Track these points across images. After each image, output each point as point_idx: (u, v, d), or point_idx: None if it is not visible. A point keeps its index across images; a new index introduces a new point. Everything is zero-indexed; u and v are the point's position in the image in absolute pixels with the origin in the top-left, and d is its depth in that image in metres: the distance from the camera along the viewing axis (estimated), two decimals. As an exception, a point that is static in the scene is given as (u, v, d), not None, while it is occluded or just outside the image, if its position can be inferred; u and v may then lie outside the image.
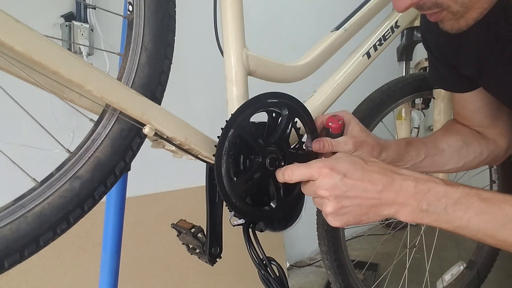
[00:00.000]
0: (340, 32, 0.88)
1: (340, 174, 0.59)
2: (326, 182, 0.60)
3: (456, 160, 0.93)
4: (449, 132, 0.97)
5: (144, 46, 0.62)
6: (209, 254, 0.74)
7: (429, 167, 0.92)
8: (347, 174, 0.60)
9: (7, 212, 0.51)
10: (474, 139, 0.95)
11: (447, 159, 0.92)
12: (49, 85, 0.58)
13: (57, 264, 1.51)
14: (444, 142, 0.93)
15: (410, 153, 0.88)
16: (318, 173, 0.61)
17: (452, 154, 0.93)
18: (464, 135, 0.95)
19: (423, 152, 0.90)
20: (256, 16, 2.05)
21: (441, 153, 0.92)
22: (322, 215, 1.17)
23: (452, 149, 0.93)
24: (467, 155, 0.94)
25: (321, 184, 0.60)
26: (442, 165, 0.93)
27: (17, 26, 0.48)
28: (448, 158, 0.92)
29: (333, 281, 1.22)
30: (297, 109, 0.73)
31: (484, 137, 0.96)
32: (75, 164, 0.56)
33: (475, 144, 0.94)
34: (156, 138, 0.63)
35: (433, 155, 0.91)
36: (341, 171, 0.60)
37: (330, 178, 0.60)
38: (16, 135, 1.30)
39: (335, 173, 0.60)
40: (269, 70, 0.78)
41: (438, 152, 0.92)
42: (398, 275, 1.50)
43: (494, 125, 0.95)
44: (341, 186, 0.59)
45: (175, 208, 1.85)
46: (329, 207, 0.60)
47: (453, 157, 0.93)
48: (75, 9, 1.47)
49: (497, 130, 0.96)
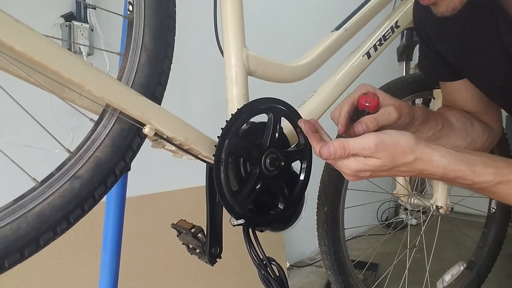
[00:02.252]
0: (340, 32, 0.88)
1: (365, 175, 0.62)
2: (356, 166, 0.61)
3: (464, 136, 0.92)
4: (452, 108, 0.96)
5: (144, 46, 0.62)
6: (209, 254, 0.74)
7: (446, 140, 0.90)
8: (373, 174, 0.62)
9: (7, 212, 0.50)
10: (474, 119, 0.95)
11: (457, 133, 0.92)
12: (49, 85, 0.58)
13: (57, 264, 1.51)
14: (452, 116, 0.93)
15: (431, 121, 0.86)
16: (345, 170, 0.62)
17: (460, 128, 0.92)
18: (465, 114, 0.95)
19: (440, 121, 0.89)
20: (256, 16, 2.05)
21: (452, 126, 0.91)
22: (322, 215, 1.18)
23: (459, 123, 0.92)
24: (472, 133, 0.93)
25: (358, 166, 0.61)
26: (453, 139, 0.91)
27: (17, 26, 0.48)
28: (458, 133, 0.92)
29: (333, 281, 1.22)
30: (281, 110, 0.72)
31: (480, 120, 0.96)
32: (75, 164, 0.56)
33: (477, 123, 0.94)
34: (156, 138, 0.63)
35: (447, 127, 0.90)
36: (366, 172, 0.61)
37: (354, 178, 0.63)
38: (16, 135, 1.30)
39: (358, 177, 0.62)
40: (269, 70, 0.78)
41: (450, 125, 0.91)
42: (398, 275, 1.50)
43: (487, 111, 0.95)
44: (368, 174, 0.62)
45: (175, 208, 1.85)
46: (348, 176, 0.63)
47: (461, 132, 0.92)
48: (75, 9, 1.47)
49: (489, 116, 0.96)
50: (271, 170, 0.71)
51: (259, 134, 0.72)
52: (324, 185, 1.18)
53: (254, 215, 0.72)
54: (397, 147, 0.59)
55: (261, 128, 0.72)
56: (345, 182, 1.19)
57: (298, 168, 0.77)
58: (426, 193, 1.48)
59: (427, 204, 1.36)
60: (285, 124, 0.75)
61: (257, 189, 0.70)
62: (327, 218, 1.16)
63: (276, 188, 0.73)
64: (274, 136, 0.71)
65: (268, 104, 0.71)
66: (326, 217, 1.16)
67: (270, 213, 0.75)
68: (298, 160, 0.76)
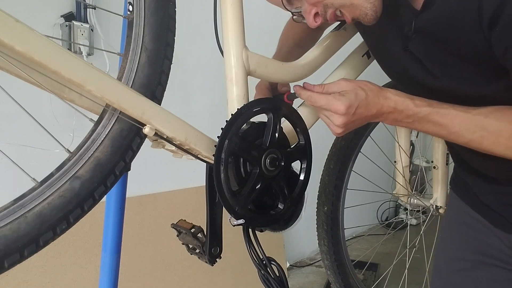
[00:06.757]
0: (340, 32, 0.88)
1: (354, 117, 0.69)
2: (341, 121, 0.69)
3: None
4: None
5: (144, 46, 0.62)
6: (209, 254, 0.74)
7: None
8: (356, 115, 0.69)
9: (7, 212, 0.50)
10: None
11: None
12: (49, 85, 0.58)
13: (57, 264, 1.51)
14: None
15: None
16: (335, 110, 0.69)
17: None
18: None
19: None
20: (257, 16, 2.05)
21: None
22: (322, 215, 1.18)
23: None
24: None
25: (336, 121, 0.69)
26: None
27: (17, 26, 0.48)
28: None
29: (333, 281, 1.22)
30: (280, 110, 0.73)
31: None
32: (75, 164, 0.55)
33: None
34: (156, 138, 0.63)
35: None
36: (354, 113, 0.69)
37: (343, 118, 0.69)
38: (16, 135, 1.30)
39: (348, 116, 0.69)
40: (269, 70, 0.78)
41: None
42: (398, 275, 1.50)
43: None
44: (351, 122, 0.70)
45: (175, 208, 1.85)
46: (339, 120, 0.69)
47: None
48: (75, 9, 1.47)
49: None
50: (271, 170, 0.71)
51: (259, 134, 0.72)
52: (324, 185, 1.18)
53: (254, 215, 0.72)
54: (363, 81, 0.72)
55: (261, 128, 0.72)
56: (345, 182, 1.19)
57: (298, 168, 0.77)
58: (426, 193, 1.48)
59: (427, 204, 1.36)
60: (285, 124, 0.75)
61: (257, 189, 0.70)
62: (327, 218, 1.17)
63: (276, 188, 0.73)
64: (274, 136, 0.72)
65: (268, 104, 0.71)
66: (326, 217, 1.17)
67: (270, 213, 0.75)
68: (298, 160, 0.76)
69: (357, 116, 0.69)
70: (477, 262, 0.88)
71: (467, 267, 0.89)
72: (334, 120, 0.70)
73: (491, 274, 0.86)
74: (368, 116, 0.71)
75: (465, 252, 0.90)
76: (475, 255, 0.88)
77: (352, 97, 0.69)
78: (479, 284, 0.87)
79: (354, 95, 0.69)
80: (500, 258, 0.84)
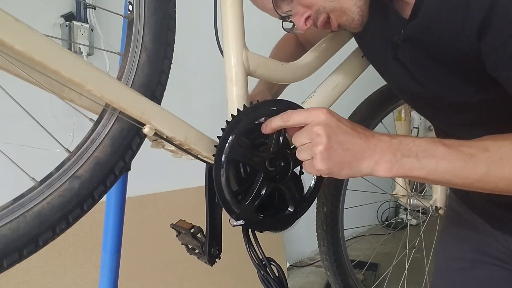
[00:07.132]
0: (340, 33, 0.88)
1: (336, 118, 0.63)
2: (324, 120, 0.62)
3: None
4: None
5: (144, 46, 0.62)
6: (208, 254, 0.74)
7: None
8: (341, 120, 0.63)
9: (6, 212, 0.50)
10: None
11: None
12: (49, 84, 0.58)
13: (57, 264, 1.52)
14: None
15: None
16: (315, 114, 0.62)
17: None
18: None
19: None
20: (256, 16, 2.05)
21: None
22: (322, 216, 1.18)
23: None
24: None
25: (319, 121, 0.62)
26: None
27: (17, 25, 0.48)
28: None
29: (332, 282, 1.22)
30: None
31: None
32: (74, 164, 0.55)
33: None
34: (156, 137, 0.63)
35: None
36: (336, 116, 0.63)
37: (327, 117, 0.62)
38: (16, 134, 1.30)
39: (331, 115, 0.62)
40: (269, 70, 0.78)
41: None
42: (398, 275, 1.50)
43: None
44: (335, 127, 0.62)
45: (175, 208, 1.85)
46: (320, 145, 0.61)
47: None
48: (75, 9, 1.47)
49: None
50: (274, 173, 0.70)
51: (260, 135, 0.71)
52: (324, 185, 1.18)
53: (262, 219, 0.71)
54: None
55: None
56: (345, 182, 1.19)
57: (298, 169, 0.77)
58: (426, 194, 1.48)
59: (427, 205, 1.36)
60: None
61: (261, 193, 0.69)
62: (326, 218, 1.16)
63: (285, 192, 0.72)
64: (278, 139, 0.71)
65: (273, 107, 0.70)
66: (325, 217, 1.16)
67: (282, 215, 0.74)
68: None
69: (342, 130, 0.62)
70: (476, 261, 0.88)
71: (466, 267, 0.89)
72: (317, 142, 0.61)
73: (491, 273, 0.86)
74: (354, 140, 0.62)
75: (464, 251, 0.90)
76: (474, 254, 0.88)
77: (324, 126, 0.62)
78: (478, 283, 0.87)
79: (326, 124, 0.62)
80: (499, 257, 0.84)
